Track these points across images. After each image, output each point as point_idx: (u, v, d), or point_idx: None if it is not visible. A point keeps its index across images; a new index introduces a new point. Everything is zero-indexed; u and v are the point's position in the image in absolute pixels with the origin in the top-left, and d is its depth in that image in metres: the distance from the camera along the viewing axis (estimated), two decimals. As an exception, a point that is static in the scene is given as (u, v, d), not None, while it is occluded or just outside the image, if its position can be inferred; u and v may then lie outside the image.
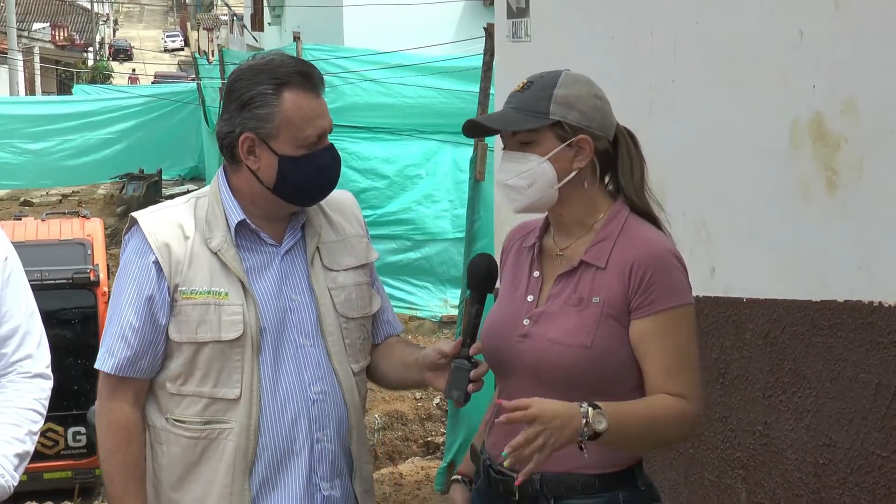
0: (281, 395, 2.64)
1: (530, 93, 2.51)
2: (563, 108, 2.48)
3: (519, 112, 2.50)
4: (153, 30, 77.17)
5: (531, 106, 2.50)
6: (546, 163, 2.49)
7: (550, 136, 2.49)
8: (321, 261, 2.74)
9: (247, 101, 2.61)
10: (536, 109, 2.49)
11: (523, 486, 2.49)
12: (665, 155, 2.65)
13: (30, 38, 39.52)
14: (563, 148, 2.49)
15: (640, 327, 2.45)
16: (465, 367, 2.54)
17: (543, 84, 2.52)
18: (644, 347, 2.45)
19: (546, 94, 2.49)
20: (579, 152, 2.50)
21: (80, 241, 10.36)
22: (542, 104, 2.49)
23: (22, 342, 2.68)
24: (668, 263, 2.47)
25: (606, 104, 2.55)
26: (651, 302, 2.44)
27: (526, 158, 2.50)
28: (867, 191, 3.30)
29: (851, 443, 3.37)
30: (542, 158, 2.49)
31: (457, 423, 7.24)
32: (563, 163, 2.49)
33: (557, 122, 2.48)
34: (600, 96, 2.54)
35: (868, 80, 3.28)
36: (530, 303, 2.57)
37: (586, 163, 2.51)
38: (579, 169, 2.50)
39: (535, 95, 2.50)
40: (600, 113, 2.52)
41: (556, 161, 2.49)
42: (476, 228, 7.02)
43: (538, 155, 2.49)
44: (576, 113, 2.49)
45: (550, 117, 2.48)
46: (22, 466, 2.63)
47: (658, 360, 2.44)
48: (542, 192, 2.51)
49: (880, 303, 3.25)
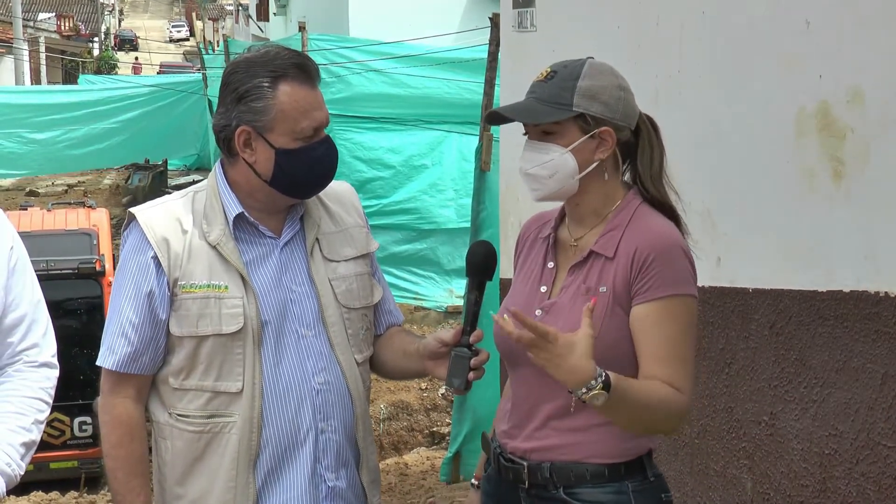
0: (283, 386, 2.64)
1: (554, 83, 2.50)
2: (586, 100, 2.47)
3: (542, 103, 2.49)
4: (158, 20, 77.19)
5: (554, 97, 2.48)
6: (568, 154, 2.48)
7: (573, 128, 2.48)
8: (321, 252, 2.73)
9: (243, 94, 2.60)
10: (560, 101, 2.48)
11: (533, 475, 2.51)
12: (670, 144, 2.64)
13: (35, 28, 39.55)
14: (586, 140, 2.49)
15: (637, 312, 2.45)
16: (466, 356, 2.54)
17: (567, 74, 2.50)
18: (639, 332, 2.44)
19: (569, 85, 2.48)
20: (601, 144, 2.50)
21: (86, 231, 10.38)
22: (566, 95, 2.47)
23: (28, 331, 2.67)
24: (672, 252, 2.46)
25: (630, 94, 2.54)
26: (650, 288, 2.43)
27: (548, 149, 2.50)
28: (873, 180, 3.30)
29: (857, 433, 3.37)
30: (564, 150, 2.48)
31: (462, 413, 7.25)
32: (584, 154, 2.49)
33: (581, 114, 2.48)
34: (624, 87, 2.53)
35: (874, 69, 3.27)
36: (543, 293, 2.57)
37: (608, 154, 2.51)
38: (601, 160, 2.50)
39: (558, 86, 2.49)
40: (624, 104, 2.52)
41: (578, 152, 2.48)
42: (481, 218, 7.01)
43: (560, 146, 2.49)
44: (599, 105, 2.48)
45: (574, 109, 2.47)
46: (28, 456, 2.63)
47: (651, 346, 2.43)
48: (563, 182, 2.50)
49: (886, 293, 3.25)
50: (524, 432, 2.55)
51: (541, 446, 2.51)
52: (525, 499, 2.55)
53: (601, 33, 4.63)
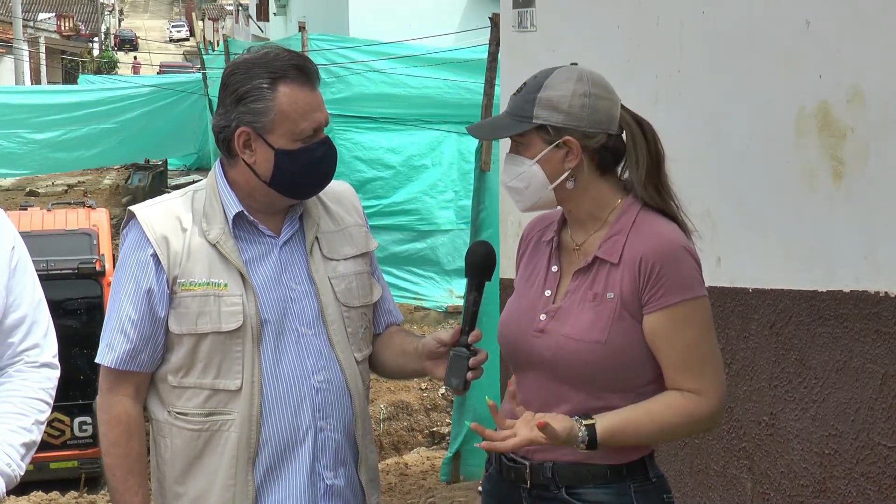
0: (283, 384, 2.65)
1: (520, 96, 2.54)
2: (546, 111, 2.48)
3: (510, 116, 2.54)
4: (158, 20, 77.19)
5: (519, 110, 2.52)
6: (535, 165, 2.51)
7: (536, 140, 2.51)
8: (320, 250, 2.74)
9: (242, 95, 2.61)
10: (522, 114, 2.51)
11: (535, 475, 2.51)
12: (670, 144, 2.64)
13: (35, 28, 39.56)
14: (552, 149, 2.49)
15: (651, 322, 2.46)
16: (464, 355, 2.55)
17: (532, 86, 2.53)
18: (657, 343, 2.46)
19: (531, 97, 2.51)
20: (568, 153, 2.50)
21: (86, 231, 10.39)
22: (528, 108, 2.50)
23: (29, 331, 2.67)
24: (678, 257, 2.46)
25: (600, 99, 2.50)
26: (661, 296, 2.44)
27: (521, 161, 2.53)
28: (873, 180, 3.30)
29: (857, 433, 3.37)
30: (531, 161, 2.51)
31: (462, 413, 7.25)
32: (553, 164, 2.50)
33: (541, 125, 2.49)
34: (592, 93, 2.49)
35: (874, 69, 3.28)
36: (547, 297, 2.58)
37: (576, 163, 2.50)
38: (570, 169, 2.50)
39: (522, 99, 2.52)
40: (590, 110, 2.48)
41: (546, 163, 2.50)
42: (481, 219, 7.01)
43: (528, 158, 2.51)
44: (560, 114, 2.48)
45: (533, 121, 2.49)
46: (28, 456, 2.63)
47: (670, 355, 2.45)
48: (539, 193, 2.53)
49: (886, 293, 3.25)
50: None
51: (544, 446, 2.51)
52: (526, 499, 2.55)
53: (601, 33, 4.63)
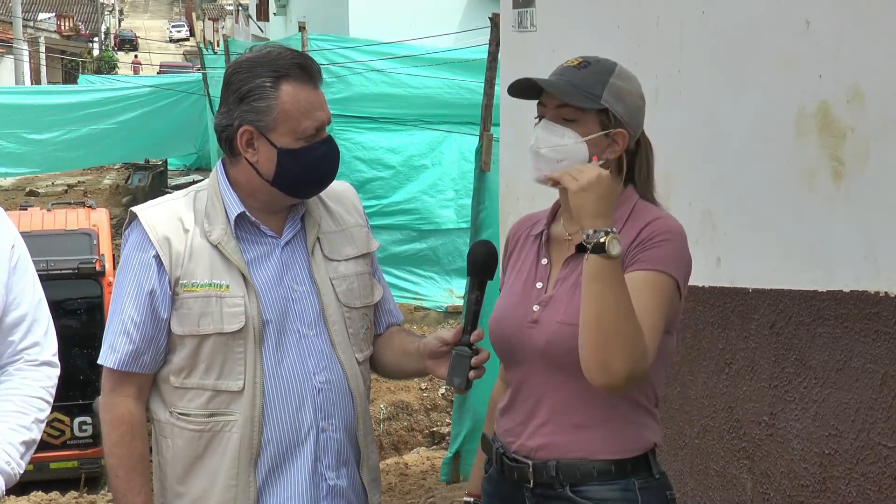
0: (284, 385, 2.65)
1: (587, 73, 2.53)
2: (613, 98, 2.51)
3: (572, 87, 2.52)
4: (158, 20, 77.21)
5: (586, 86, 2.51)
6: (583, 143, 2.50)
7: (594, 121, 2.51)
8: (322, 251, 2.74)
9: (245, 94, 2.61)
10: (591, 91, 2.51)
11: (538, 474, 2.51)
12: (671, 144, 2.66)
13: (35, 28, 39.56)
14: (602, 135, 2.51)
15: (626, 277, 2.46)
16: (466, 354, 2.56)
17: (601, 68, 2.54)
18: None
19: (602, 79, 2.52)
20: (613, 144, 2.53)
21: (86, 231, 10.39)
22: (597, 88, 2.51)
23: (29, 330, 2.68)
24: (672, 235, 2.49)
25: (645, 107, 2.59)
26: (636, 261, 2.45)
27: (564, 133, 2.51)
28: (873, 180, 3.30)
29: (857, 433, 3.37)
30: (580, 138, 2.50)
31: (462, 413, 7.25)
32: (597, 149, 2.51)
33: (605, 109, 2.51)
34: (643, 98, 2.59)
35: (874, 68, 3.28)
36: (539, 289, 2.58)
37: (616, 156, 2.54)
38: (608, 159, 2.52)
39: (591, 77, 2.52)
40: (640, 114, 2.57)
41: (592, 146, 2.51)
42: (481, 218, 7.02)
43: (578, 134, 2.51)
44: (623, 107, 2.52)
45: (602, 103, 2.50)
46: (28, 454, 2.63)
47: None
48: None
49: (886, 293, 3.25)
50: (528, 429, 2.55)
51: (546, 443, 2.51)
52: (529, 498, 2.55)
53: (601, 33, 4.63)
